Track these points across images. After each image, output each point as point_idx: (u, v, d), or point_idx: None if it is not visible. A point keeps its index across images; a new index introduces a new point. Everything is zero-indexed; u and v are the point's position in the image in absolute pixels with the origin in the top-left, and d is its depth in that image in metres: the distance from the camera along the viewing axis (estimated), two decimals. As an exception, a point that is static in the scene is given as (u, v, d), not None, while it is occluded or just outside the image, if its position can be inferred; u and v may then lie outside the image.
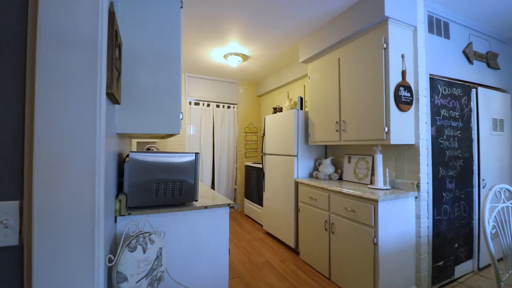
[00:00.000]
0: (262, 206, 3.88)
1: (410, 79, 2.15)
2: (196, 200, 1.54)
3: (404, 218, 2.06)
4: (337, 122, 2.59)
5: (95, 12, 0.81)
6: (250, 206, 4.38)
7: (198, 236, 1.54)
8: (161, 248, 1.31)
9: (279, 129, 3.36)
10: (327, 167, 2.90)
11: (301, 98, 3.24)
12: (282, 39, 3.05)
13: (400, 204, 2.04)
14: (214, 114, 4.65)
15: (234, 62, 3.54)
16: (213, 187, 4.67)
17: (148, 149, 3.91)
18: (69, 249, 0.77)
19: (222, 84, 4.73)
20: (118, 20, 1.36)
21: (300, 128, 3.06)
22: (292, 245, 2.98)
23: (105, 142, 0.95)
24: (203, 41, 3.12)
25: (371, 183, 2.48)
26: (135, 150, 2.58)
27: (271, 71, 4.30)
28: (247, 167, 4.54)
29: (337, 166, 3.01)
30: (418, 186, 2.10)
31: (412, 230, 2.11)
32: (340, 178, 2.90)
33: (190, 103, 4.43)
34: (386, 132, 2.05)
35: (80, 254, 0.78)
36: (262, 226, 3.96)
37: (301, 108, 3.25)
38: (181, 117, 1.51)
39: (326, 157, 3.21)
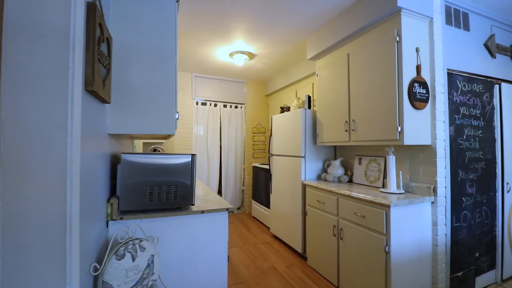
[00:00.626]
0: (269, 208, 3.78)
1: (425, 75, 1.99)
2: (193, 204, 1.46)
3: (419, 225, 1.90)
4: (346, 122, 2.45)
5: (67, 2, 0.74)
6: (257, 208, 4.29)
7: (195, 242, 1.46)
8: (153, 256, 1.23)
9: (286, 129, 3.24)
10: (336, 169, 2.76)
11: (309, 97, 3.11)
12: (289, 35, 2.94)
13: (414, 209, 1.89)
14: (222, 114, 4.58)
15: (240, 61, 3.45)
16: (220, 188, 4.61)
17: (154, 149, 3.89)
18: (38, 261, 0.70)
19: (229, 83, 4.66)
20: (109, 15, 1.30)
21: (308, 128, 2.94)
22: (300, 250, 2.86)
23: (86, 143, 0.89)
24: (208, 40, 3.06)
25: (383, 186, 2.33)
26: (141, 152, 2.53)
27: (279, 70, 4.19)
28: (254, 168, 4.45)
29: (347, 167, 2.87)
30: (434, 190, 1.94)
31: (428, 238, 1.94)
32: (350, 181, 2.75)
33: (197, 103, 4.39)
34: (399, 132, 1.91)
35: (50, 266, 0.71)
36: (269, 228, 3.85)
37: (309, 107, 3.13)
38: (176, 116, 1.43)
39: (335, 158, 3.07)
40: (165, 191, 1.39)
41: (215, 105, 4.54)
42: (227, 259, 1.55)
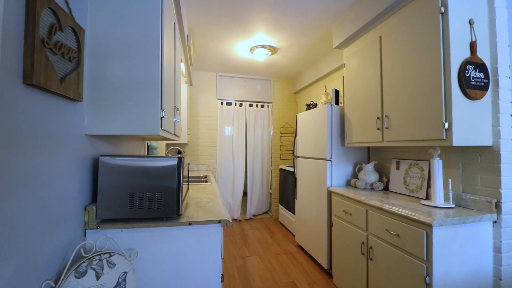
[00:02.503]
0: (295, 214, 3.47)
1: (483, 54, 1.52)
2: (179, 214, 1.28)
3: (475, 251, 1.45)
4: (378, 118, 2.05)
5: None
6: (284, 214, 4.00)
7: (182, 258, 1.28)
8: (125, 273, 1.08)
9: (310, 129, 2.92)
10: (368, 174, 2.36)
11: (337, 91, 2.74)
12: (312, 23, 2.62)
13: (468, 230, 1.44)
14: (247, 114, 4.41)
15: (261, 56, 3.23)
16: (246, 191, 4.43)
17: (179, 152, 3.88)
18: None
19: (255, 82, 4.46)
20: (87, 5, 1.19)
21: (335, 126, 2.58)
22: (325, 265, 2.52)
23: (24, 146, 0.76)
24: (224, 35, 2.90)
25: (427, 197, 1.89)
26: (162, 155, 2.47)
27: (306, 64, 3.85)
28: (282, 170, 4.17)
29: (382, 173, 2.44)
30: (498, 205, 1.46)
31: (487, 269, 1.47)
32: (386, 188, 2.33)
33: (222, 103, 4.29)
34: (446, 129, 1.48)
35: None
36: (295, 236, 3.54)
37: (337, 103, 2.76)
38: (162, 114, 1.27)
39: (368, 162, 2.65)
40: (147, 199, 1.24)
41: (241, 105, 4.39)
42: (222, 279, 1.34)
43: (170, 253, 1.26)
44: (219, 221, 1.31)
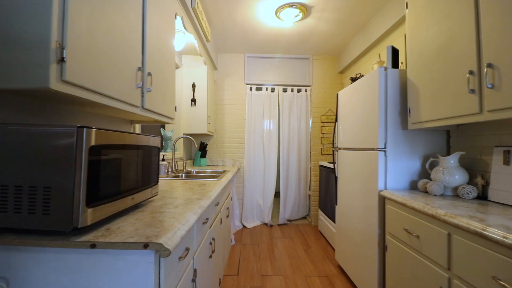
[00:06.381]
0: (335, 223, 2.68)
1: None
2: (78, 228, 0.73)
3: None
4: (471, 73, 1.19)
5: None
6: (323, 221, 3.21)
7: (86, 303, 0.73)
8: None
9: (354, 107, 2.11)
10: (449, 172, 1.48)
11: (395, 49, 1.88)
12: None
13: None
14: (280, 100, 3.73)
15: (289, 20, 2.52)
16: (278, 191, 3.77)
17: (202, 144, 3.44)
18: None
19: (290, 61, 3.74)
20: None
21: (392, 100, 1.74)
22: (375, 304, 1.71)
23: None
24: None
25: None
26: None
27: (352, 29, 2.95)
28: (322, 168, 3.38)
29: (475, 170, 1.52)
30: None
31: None
32: (483, 197, 1.42)
33: (250, 89, 3.70)
34: None
35: None
36: (335, 252, 2.74)
37: (395, 66, 1.90)
38: (61, 55, 0.74)
39: (448, 153, 1.74)
40: (27, 197, 0.72)
41: (273, 90, 3.73)
42: None
43: (66, 294, 0.72)
44: (146, 246, 0.71)
